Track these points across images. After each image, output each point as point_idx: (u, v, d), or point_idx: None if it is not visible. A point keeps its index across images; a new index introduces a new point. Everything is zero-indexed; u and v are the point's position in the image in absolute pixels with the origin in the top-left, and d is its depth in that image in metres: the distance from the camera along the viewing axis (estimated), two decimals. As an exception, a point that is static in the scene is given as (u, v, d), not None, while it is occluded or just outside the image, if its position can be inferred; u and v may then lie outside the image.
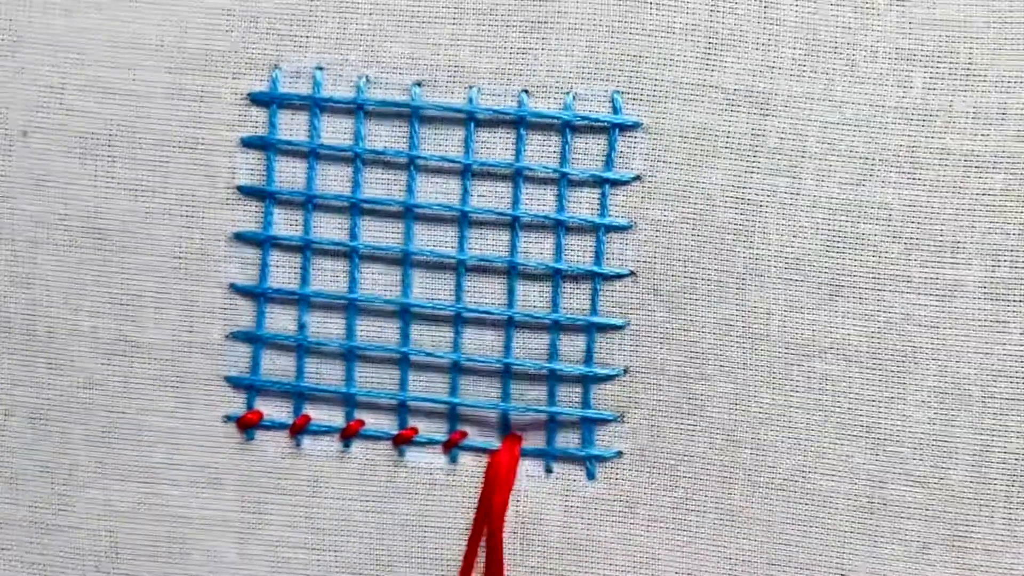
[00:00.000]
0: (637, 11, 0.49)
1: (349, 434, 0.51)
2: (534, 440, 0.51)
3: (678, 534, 0.51)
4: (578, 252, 0.50)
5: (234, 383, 0.52)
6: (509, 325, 0.50)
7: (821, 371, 0.49)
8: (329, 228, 0.51)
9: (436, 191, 0.50)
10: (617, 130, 0.49)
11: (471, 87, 0.50)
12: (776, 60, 0.49)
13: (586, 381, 0.51)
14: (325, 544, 0.52)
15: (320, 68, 0.50)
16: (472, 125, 0.50)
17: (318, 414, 0.52)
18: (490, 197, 0.50)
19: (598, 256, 0.50)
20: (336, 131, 0.50)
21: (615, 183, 0.50)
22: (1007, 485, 0.49)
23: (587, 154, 0.50)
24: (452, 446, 0.51)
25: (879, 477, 0.49)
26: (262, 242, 0.51)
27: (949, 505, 0.49)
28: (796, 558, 0.50)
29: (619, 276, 0.50)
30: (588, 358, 0.50)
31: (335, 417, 0.52)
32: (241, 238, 0.51)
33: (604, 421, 0.51)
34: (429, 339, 0.51)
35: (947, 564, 0.49)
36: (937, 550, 0.49)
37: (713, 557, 0.51)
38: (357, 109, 0.50)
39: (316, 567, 0.52)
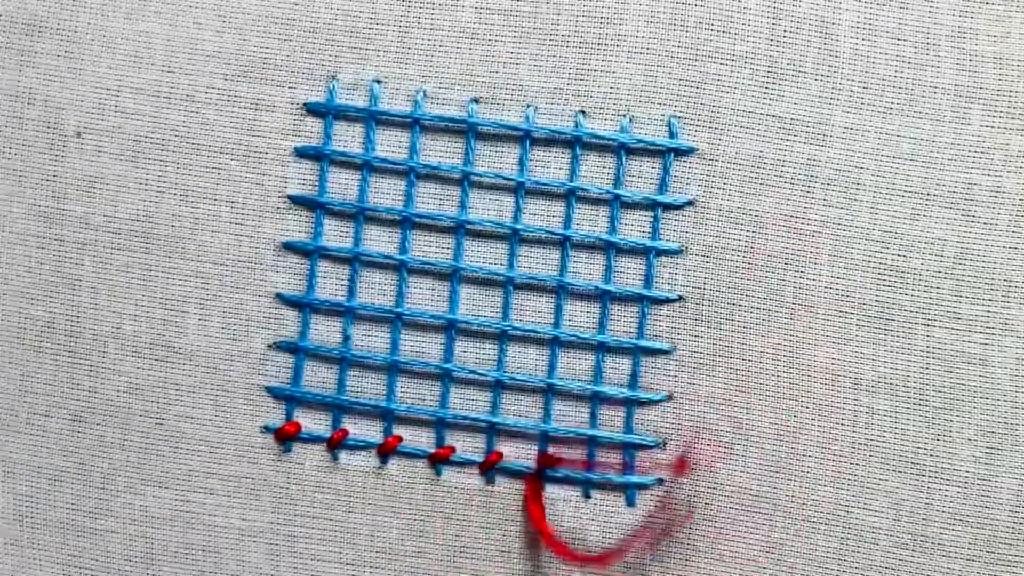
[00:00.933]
0: (697, 37, 0.49)
1: (386, 450, 0.51)
2: (573, 462, 0.51)
3: (717, 564, 0.50)
4: (627, 275, 0.50)
5: (274, 393, 0.51)
6: (554, 344, 0.50)
7: (867, 405, 0.49)
8: (379, 241, 0.51)
9: (488, 208, 0.50)
10: (672, 155, 0.49)
11: (528, 106, 0.50)
12: (834, 91, 0.49)
13: (629, 405, 0.50)
14: (360, 560, 0.52)
15: (378, 81, 0.50)
16: (527, 143, 0.50)
17: (356, 428, 0.51)
18: (542, 216, 0.50)
19: (647, 279, 0.50)
20: (391, 144, 0.50)
21: (668, 207, 0.50)
22: (1052, 527, 0.49)
23: (641, 177, 0.50)
24: (489, 467, 0.51)
25: (922, 514, 0.49)
26: (311, 252, 0.51)
27: (991, 545, 0.49)
28: (835, 592, 0.50)
29: (667, 300, 0.50)
30: (632, 382, 0.50)
31: (373, 432, 0.51)
32: (290, 247, 0.51)
33: (646, 447, 0.50)
34: (473, 356, 0.51)
35: (989, 604, 0.49)
36: (979, 590, 0.49)
37: (751, 588, 0.50)
38: (413, 123, 0.50)
39: (350, 582, 0.52)
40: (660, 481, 0.50)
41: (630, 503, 0.51)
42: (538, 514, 0.50)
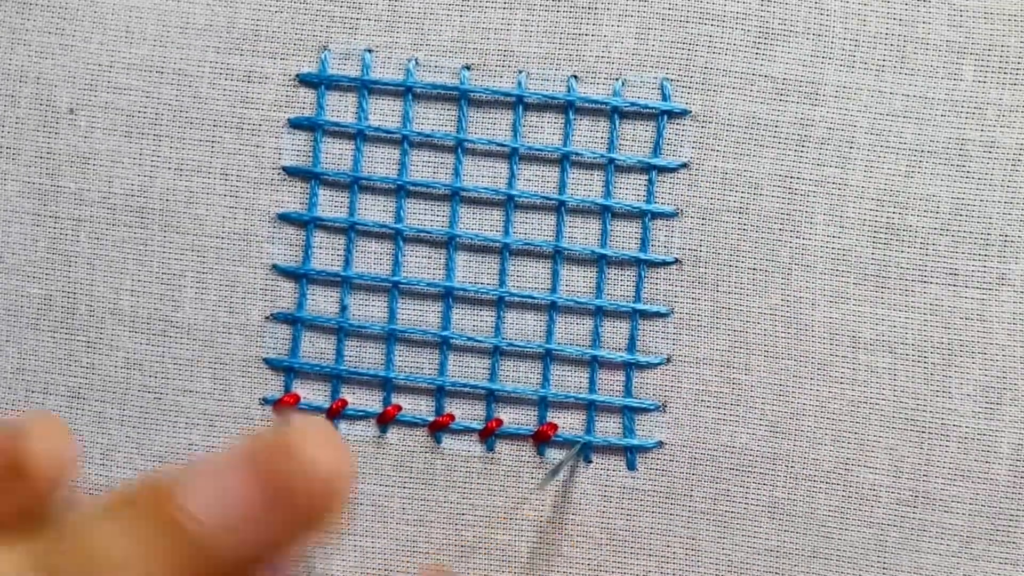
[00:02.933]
0: (688, -1, 0.49)
1: (385, 420, 0.51)
2: (573, 428, 0.51)
3: (719, 525, 0.50)
4: (623, 238, 0.50)
5: (272, 365, 0.51)
6: (552, 310, 0.50)
7: (866, 363, 0.49)
8: (374, 210, 0.51)
9: (483, 174, 0.50)
10: (665, 117, 0.49)
11: (520, 71, 0.50)
12: (826, 50, 0.49)
13: (628, 369, 0.50)
14: (363, 529, 0.52)
15: (369, 50, 0.50)
16: (520, 109, 0.50)
17: (355, 398, 0.51)
18: (537, 181, 0.50)
19: (643, 243, 0.50)
20: (384, 113, 0.50)
21: (662, 170, 0.50)
22: (1052, 480, 0.49)
23: (635, 140, 0.50)
24: (488, 435, 0.51)
25: (923, 470, 0.49)
26: (306, 223, 0.51)
27: (992, 499, 0.49)
28: (838, 551, 0.50)
29: (664, 263, 0.50)
30: (631, 346, 0.50)
31: (372, 401, 0.51)
32: (285, 219, 0.51)
33: (645, 410, 0.50)
34: (471, 323, 0.51)
35: (990, 559, 0.49)
36: (980, 544, 0.49)
37: (754, 549, 0.50)
38: (406, 92, 0.50)
39: (353, 552, 0.52)
40: (660, 444, 0.50)
41: (631, 467, 0.51)
42: None
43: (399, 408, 0.51)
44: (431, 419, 0.51)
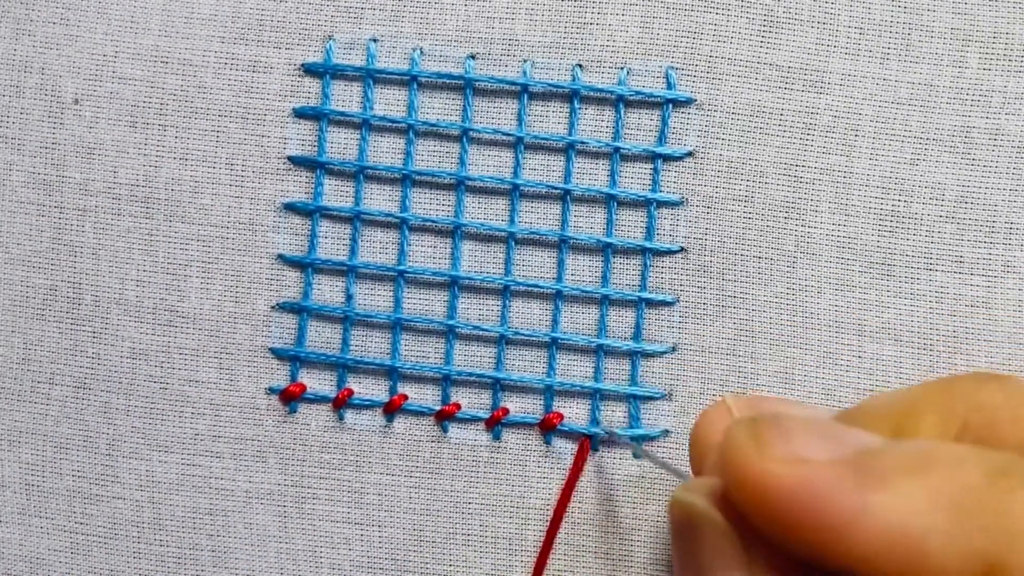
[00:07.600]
0: (693, -13, 0.49)
1: (392, 409, 0.51)
2: (578, 416, 0.51)
3: (724, 513, 0.50)
4: (629, 227, 0.50)
5: (278, 355, 0.51)
6: (557, 299, 0.50)
7: (871, 351, 0.49)
8: (379, 199, 0.51)
9: (488, 163, 0.50)
10: (670, 106, 0.49)
11: (525, 60, 0.50)
12: (831, 38, 0.49)
13: (634, 357, 0.50)
14: (369, 519, 0.52)
15: (374, 40, 0.50)
16: (525, 98, 0.50)
17: (361, 387, 0.51)
18: (542, 170, 0.50)
19: (649, 231, 0.50)
20: (389, 103, 0.50)
21: (667, 158, 0.50)
22: (1058, 467, 0.49)
23: (640, 129, 0.50)
24: (495, 423, 0.51)
25: (929, 458, 0.49)
26: (311, 212, 0.51)
27: (999, 486, 0.49)
28: (844, 538, 0.50)
29: (669, 252, 0.50)
30: (636, 334, 0.50)
31: (379, 391, 0.51)
32: (291, 208, 0.51)
33: (651, 398, 0.50)
34: (476, 312, 0.51)
35: (997, 545, 0.49)
36: (987, 531, 0.49)
37: (760, 536, 0.50)
38: (411, 81, 0.50)
39: (359, 542, 0.52)
40: (666, 432, 0.50)
41: (636, 455, 0.51)
42: (575, 475, 0.50)
43: (405, 397, 0.51)
44: (437, 408, 0.51)
